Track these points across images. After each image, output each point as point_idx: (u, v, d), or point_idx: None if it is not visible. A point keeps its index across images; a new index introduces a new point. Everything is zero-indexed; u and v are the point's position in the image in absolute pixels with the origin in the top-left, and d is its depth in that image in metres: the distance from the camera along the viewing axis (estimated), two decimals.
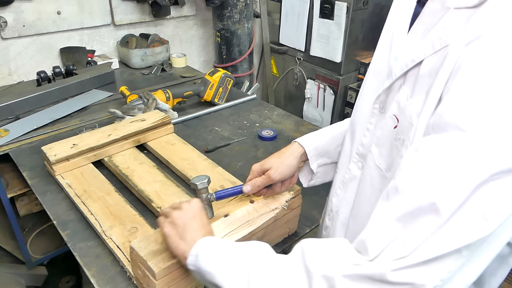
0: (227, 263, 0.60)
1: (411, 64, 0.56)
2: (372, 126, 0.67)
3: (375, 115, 0.67)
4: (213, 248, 0.63)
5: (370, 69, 0.72)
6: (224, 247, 0.63)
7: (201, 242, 0.65)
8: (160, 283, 0.70)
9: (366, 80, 0.72)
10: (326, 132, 0.88)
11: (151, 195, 1.01)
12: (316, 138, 0.86)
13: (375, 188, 0.66)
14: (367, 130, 0.69)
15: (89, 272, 0.83)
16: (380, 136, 0.64)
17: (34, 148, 1.28)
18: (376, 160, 0.65)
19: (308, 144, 0.84)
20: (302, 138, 0.86)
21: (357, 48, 2.22)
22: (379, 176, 0.65)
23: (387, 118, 0.62)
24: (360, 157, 0.71)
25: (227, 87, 1.61)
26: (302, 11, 2.24)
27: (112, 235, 0.88)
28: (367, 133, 0.69)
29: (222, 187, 1.04)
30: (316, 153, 0.84)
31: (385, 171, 0.64)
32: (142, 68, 2.00)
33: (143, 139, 1.25)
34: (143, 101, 1.42)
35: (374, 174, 0.66)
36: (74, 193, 1.02)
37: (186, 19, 2.32)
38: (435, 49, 0.52)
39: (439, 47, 0.51)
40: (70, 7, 1.85)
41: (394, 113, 0.60)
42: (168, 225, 0.70)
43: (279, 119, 1.54)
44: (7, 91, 1.64)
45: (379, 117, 0.66)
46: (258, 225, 0.81)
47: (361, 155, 0.70)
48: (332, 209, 0.78)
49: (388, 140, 0.62)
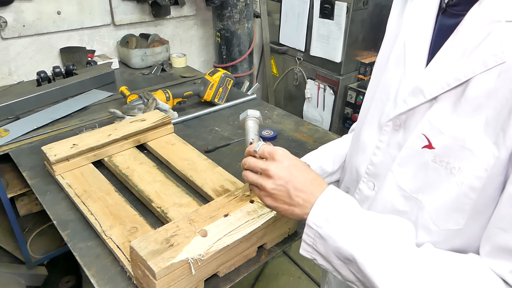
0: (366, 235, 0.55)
1: (454, 83, 0.51)
2: (384, 144, 0.64)
3: (386, 132, 0.63)
4: (341, 208, 0.58)
5: (374, 83, 0.68)
6: (354, 208, 0.58)
7: (324, 198, 0.59)
8: (160, 283, 0.70)
9: (372, 97, 0.69)
10: (328, 150, 0.86)
11: (151, 195, 1.01)
12: (320, 157, 0.84)
13: (396, 209, 0.62)
14: (378, 149, 0.65)
15: (89, 272, 0.83)
16: (405, 155, 0.59)
17: (34, 148, 1.28)
18: (399, 181, 0.61)
19: (313, 162, 0.82)
20: (306, 157, 0.84)
21: (357, 48, 2.22)
22: (402, 197, 0.61)
23: (414, 137, 0.58)
24: (371, 177, 0.67)
25: (227, 87, 1.61)
26: (302, 11, 2.24)
27: (112, 235, 0.88)
28: (378, 151, 0.65)
29: (222, 187, 1.04)
30: (321, 172, 0.83)
31: (410, 192, 0.60)
32: (142, 68, 2.00)
33: (143, 139, 1.25)
34: (143, 101, 1.42)
35: (395, 194, 0.62)
36: (74, 193, 1.02)
37: (186, 19, 2.32)
38: (487, 67, 0.48)
39: (494, 64, 0.47)
40: (70, 7, 1.85)
41: (424, 132, 0.56)
42: (268, 199, 0.64)
43: (279, 119, 1.54)
44: (7, 91, 1.64)
45: (392, 134, 0.62)
46: (258, 225, 0.81)
47: (372, 175, 0.67)
48: None
49: (415, 160, 0.58)
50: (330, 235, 0.57)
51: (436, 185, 0.56)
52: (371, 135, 0.68)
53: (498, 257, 0.50)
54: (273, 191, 0.62)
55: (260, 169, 0.65)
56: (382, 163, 0.65)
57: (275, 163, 0.63)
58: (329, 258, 0.59)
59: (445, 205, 0.55)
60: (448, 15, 0.56)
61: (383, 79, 0.66)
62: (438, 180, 0.55)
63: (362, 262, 0.54)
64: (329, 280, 0.88)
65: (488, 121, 0.49)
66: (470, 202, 0.52)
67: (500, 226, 0.50)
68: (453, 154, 0.53)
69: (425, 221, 0.58)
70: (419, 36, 0.59)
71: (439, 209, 0.56)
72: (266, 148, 0.66)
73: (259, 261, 0.88)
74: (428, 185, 0.57)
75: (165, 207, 0.97)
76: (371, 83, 0.72)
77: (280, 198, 0.62)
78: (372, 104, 0.68)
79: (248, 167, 0.68)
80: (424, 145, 0.56)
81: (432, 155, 0.55)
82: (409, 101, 0.58)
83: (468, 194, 0.52)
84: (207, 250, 0.73)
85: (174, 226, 0.78)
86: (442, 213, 0.56)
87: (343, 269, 0.58)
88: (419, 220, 0.59)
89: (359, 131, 0.72)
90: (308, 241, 0.61)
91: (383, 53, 0.69)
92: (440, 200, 0.55)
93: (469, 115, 0.51)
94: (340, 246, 0.56)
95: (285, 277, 2.10)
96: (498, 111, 0.48)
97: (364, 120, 0.71)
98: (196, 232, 0.76)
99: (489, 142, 0.49)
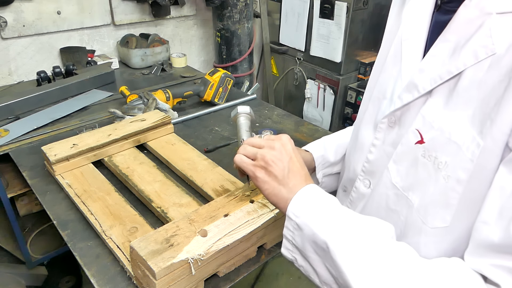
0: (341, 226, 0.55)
1: (447, 76, 0.52)
2: (380, 141, 0.64)
3: (382, 130, 0.63)
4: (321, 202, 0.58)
5: (372, 83, 0.68)
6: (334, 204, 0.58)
7: (306, 190, 0.59)
8: (160, 283, 0.70)
9: (369, 94, 0.69)
10: (331, 140, 0.86)
11: (151, 195, 1.01)
12: (323, 146, 0.83)
13: (389, 208, 0.62)
14: (373, 146, 0.65)
15: (89, 272, 0.83)
16: (400, 152, 0.59)
17: (34, 148, 1.28)
18: (393, 178, 0.60)
19: (316, 151, 0.82)
20: (309, 145, 0.83)
21: (357, 48, 2.22)
22: (394, 195, 0.61)
23: (409, 133, 0.57)
24: (367, 175, 0.67)
25: (227, 87, 1.61)
26: (302, 11, 2.24)
27: (112, 235, 0.88)
28: (374, 149, 0.65)
29: (222, 187, 1.04)
30: (323, 161, 0.82)
31: (402, 190, 0.59)
32: (142, 68, 2.00)
33: (143, 139, 1.25)
34: (143, 101, 1.42)
35: (389, 193, 0.62)
36: (74, 193, 1.02)
37: (186, 19, 2.32)
38: (478, 59, 0.48)
39: (484, 56, 0.48)
40: (70, 7, 1.85)
41: (417, 127, 0.56)
42: (261, 171, 0.63)
43: (279, 119, 1.54)
44: (7, 91, 1.64)
45: (387, 131, 0.63)
46: (258, 225, 0.81)
47: (368, 173, 0.67)
48: None
49: (409, 156, 0.58)
50: (307, 223, 0.57)
51: (425, 181, 0.56)
52: (367, 134, 0.68)
53: (479, 254, 0.49)
54: (271, 162, 0.62)
55: (264, 143, 0.65)
56: (378, 161, 0.65)
57: (281, 141, 0.65)
58: (305, 252, 0.59)
59: (432, 202, 0.55)
60: (443, 11, 0.56)
61: (381, 78, 0.66)
62: (426, 176, 0.55)
63: (334, 250, 0.53)
64: None
65: (475, 113, 0.49)
66: (457, 196, 0.52)
67: (483, 219, 0.48)
68: (440, 148, 0.53)
69: (414, 220, 0.58)
70: (415, 34, 0.59)
71: (426, 206, 0.56)
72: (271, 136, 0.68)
73: (259, 261, 0.88)
74: (417, 182, 0.57)
75: (165, 207, 0.97)
76: (370, 83, 0.72)
77: (274, 172, 0.62)
78: (370, 103, 0.69)
79: (249, 143, 0.68)
80: (417, 140, 0.56)
81: (422, 149, 0.55)
82: (404, 97, 0.58)
83: (454, 187, 0.52)
84: (207, 250, 0.73)
85: (174, 226, 0.78)
86: (430, 210, 0.55)
87: (320, 267, 0.57)
88: (408, 220, 0.59)
89: (357, 130, 0.72)
90: (288, 236, 0.61)
91: (382, 52, 0.69)
92: (428, 196, 0.55)
93: (459, 108, 0.51)
94: (315, 233, 0.56)
95: (285, 277, 2.10)
96: (486, 101, 0.48)
97: (362, 119, 0.71)
98: (196, 232, 0.76)
99: (474, 133, 0.49)
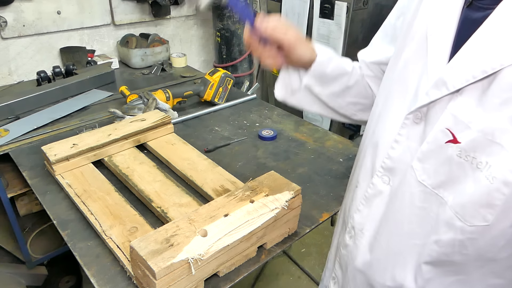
0: None
1: (481, 75, 0.50)
2: (403, 137, 0.63)
3: (406, 125, 0.62)
4: None
5: (393, 77, 0.68)
6: None
7: None
8: (160, 283, 0.70)
9: (389, 90, 0.68)
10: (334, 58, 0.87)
11: (151, 195, 1.01)
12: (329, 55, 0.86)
13: (415, 205, 0.61)
14: (396, 142, 0.64)
15: (89, 272, 0.83)
16: (426, 150, 0.58)
17: (34, 148, 1.28)
18: (419, 176, 0.60)
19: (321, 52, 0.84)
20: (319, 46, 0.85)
21: (357, 48, 2.18)
22: (421, 193, 0.60)
23: (437, 131, 0.56)
24: (387, 171, 0.66)
25: (227, 87, 1.61)
26: (302, 11, 2.24)
27: (112, 235, 0.88)
28: (396, 145, 0.64)
29: (222, 187, 1.04)
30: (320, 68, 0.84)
31: (432, 188, 0.59)
32: (142, 68, 2.00)
33: (143, 139, 1.25)
34: (143, 101, 1.42)
35: (414, 190, 0.61)
36: (74, 193, 1.02)
37: (186, 19, 2.32)
38: None
39: None
40: (70, 7, 1.85)
41: (447, 126, 0.55)
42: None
43: (279, 119, 1.54)
44: (7, 91, 1.64)
45: (412, 127, 0.62)
46: (258, 225, 0.81)
47: (388, 169, 0.66)
48: (354, 226, 0.73)
49: (438, 155, 0.57)
50: None
51: (460, 180, 0.55)
52: (387, 129, 0.67)
53: None
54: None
55: None
56: (400, 157, 0.64)
57: None
58: None
59: (472, 201, 0.54)
60: (475, 8, 0.55)
61: (401, 73, 0.65)
62: (462, 175, 0.55)
63: None
64: (336, 275, 0.88)
65: None
66: (503, 197, 0.51)
67: None
68: (481, 149, 0.52)
69: (448, 217, 0.57)
70: (443, 29, 0.58)
71: (465, 205, 0.55)
72: None
73: (259, 261, 0.88)
74: (451, 180, 0.56)
75: (165, 207, 0.97)
76: (385, 80, 0.71)
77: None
78: (389, 99, 0.68)
79: None
80: (448, 139, 0.55)
81: (457, 149, 0.54)
82: (432, 93, 0.57)
83: (501, 189, 0.51)
84: (207, 250, 0.73)
85: (174, 226, 0.78)
86: (469, 208, 0.55)
87: None
88: (440, 216, 0.59)
89: (374, 127, 0.71)
90: None
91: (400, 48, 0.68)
92: (466, 195, 0.55)
93: (496, 109, 0.50)
94: None
95: (285, 277, 2.10)
96: None
97: (380, 114, 0.70)
98: (196, 232, 0.76)
99: None
